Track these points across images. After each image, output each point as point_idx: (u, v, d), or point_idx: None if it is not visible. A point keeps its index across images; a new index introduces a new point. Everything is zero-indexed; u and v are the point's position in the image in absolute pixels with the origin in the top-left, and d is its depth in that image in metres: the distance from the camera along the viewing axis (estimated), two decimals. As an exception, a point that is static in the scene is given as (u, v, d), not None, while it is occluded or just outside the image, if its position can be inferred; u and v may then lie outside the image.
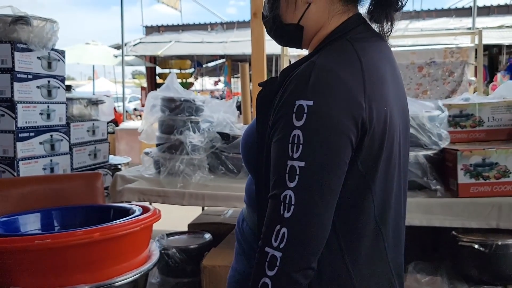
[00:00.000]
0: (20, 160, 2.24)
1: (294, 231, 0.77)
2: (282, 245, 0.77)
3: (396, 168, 0.90)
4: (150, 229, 1.55)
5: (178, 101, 2.47)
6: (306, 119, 0.77)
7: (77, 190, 1.91)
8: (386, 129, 0.84)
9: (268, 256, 0.78)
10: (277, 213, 0.78)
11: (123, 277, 1.42)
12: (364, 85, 0.81)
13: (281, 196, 0.78)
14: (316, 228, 0.78)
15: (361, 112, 0.79)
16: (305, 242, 0.77)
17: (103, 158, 2.90)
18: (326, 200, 0.78)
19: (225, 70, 12.91)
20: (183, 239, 2.58)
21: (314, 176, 0.77)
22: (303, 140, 0.77)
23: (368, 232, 0.87)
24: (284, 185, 0.78)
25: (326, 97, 0.78)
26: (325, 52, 0.86)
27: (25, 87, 2.27)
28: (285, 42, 1.02)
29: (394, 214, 0.92)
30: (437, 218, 1.87)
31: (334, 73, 0.80)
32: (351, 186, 0.83)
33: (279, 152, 0.80)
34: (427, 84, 3.66)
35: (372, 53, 0.88)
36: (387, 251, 0.90)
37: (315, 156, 0.77)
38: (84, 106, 2.82)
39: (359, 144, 0.81)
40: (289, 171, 0.78)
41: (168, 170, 2.37)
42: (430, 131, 1.97)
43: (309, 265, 0.78)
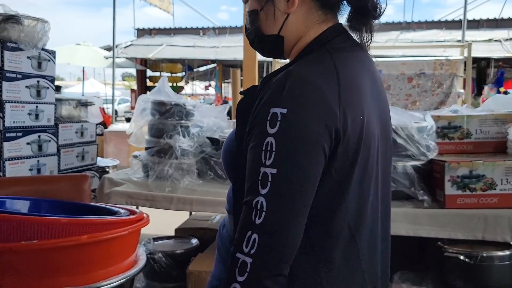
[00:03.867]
0: (7, 160, 2.21)
1: (265, 237, 0.77)
2: (253, 251, 0.77)
3: (373, 178, 0.91)
4: (138, 234, 1.53)
5: (168, 105, 2.46)
6: (279, 126, 0.78)
7: (64, 191, 1.89)
8: (361, 138, 0.85)
9: (239, 262, 0.78)
10: (249, 219, 0.79)
11: (109, 281, 1.40)
12: (339, 95, 0.82)
13: (253, 202, 0.79)
14: (287, 235, 0.78)
15: (335, 121, 0.80)
16: (275, 249, 0.78)
17: (91, 160, 2.88)
18: (298, 208, 0.79)
19: (216, 75, 12.92)
20: (170, 243, 2.57)
21: (286, 183, 0.78)
22: (276, 148, 0.78)
23: (342, 240, 0.86)
24: (257, 192, 0.79)
25: (300, 106, 0.79)
26: (302, 61, 0.87)
27: (14, 86, 2.25)
28: (268, 53, 1.03)
29: (370, 223, 0.91)
30: (424, 229, 1.88)
31: (309, 82, 0.81)
32: (325, 194, 0.83)
33: (253, 159, 0.81)
34: (416, 95, 3.70)
35: (351, 63, 0.89)
36: (361, 261, 0.89)
37: (287, 164, 0.78)
38: (73, 107, 2.80)
39: (333, 152, 0.82)
40: (262, 178, 0.78)
41: (156, 174, 2.36)
42: (419, 142, 1.99)
43: (280, 272, 0.79)
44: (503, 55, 9.27)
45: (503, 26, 11.28)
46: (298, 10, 0.93)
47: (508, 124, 2.17)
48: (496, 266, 1.81)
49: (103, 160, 3.32)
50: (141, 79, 13.42)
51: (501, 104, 2.37)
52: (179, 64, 12.38)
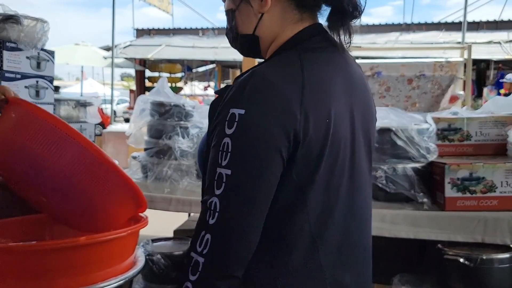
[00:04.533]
0: (5, 160, 2.20)
1: (217, 238, 0.77)
2: (205, 251, 0.77)
3: (343, 184, 0.88)
4: (136, 235, 1.53)
5: (168, 105, 2.45)
6: (236, 127, 0.78)
7: (63, 192, 1.88)
8: (327, 142, 0.83)
9: (192, 261, 0.78)
10: (204, 219, 0.79)
11: (107, 282, 1.39)
12: (302, 96, 0.80)
13: (208, 202, 0.78)
14: (239, 236, 0.78)
15: (294, 123, 0.79)
16: (227, 250, 0.77)
17: (90, 160, 2.87)
18: (251, 210, 0.78)
19: (215, 76, 12.92)
20: (168, 245, 2.56)
21: (240, 185, 0.77)
22: (232, 149, 0.78)
23: (301, 245, 0.84)
24: (212, 192, 0.78)
25: (258, 107, 0.78)
26: (269, 61, 0.87)
27: (13, 86, 2.24)
28: (246, 53, 1.02)
29: (341, 229, 0.89)
30: (424, 231, 1.87)
31: (270, 83, 0.80)
32: (285, 197, 0.82)
33: (212, 159, 0.81)
34: (416, 97, 3.70)
35: (321, 64, 0.87)
36: (323, 268, 0.86)
37: (242, 165, 0.77)
38: (72, 108, 2.80)
39: (292, 155, 0.80)
40: (217, 178, 0.78)
41: (155, 175, 2.35)
42: (419, 144, 1.98)
43: (232, 273, 0.78)
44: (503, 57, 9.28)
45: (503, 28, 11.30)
46: (272, 9, 0.91)
47: (508, 126, 2.17)
48: (496, 268, 1.80)
49: (102, 161, 3.31)
50: (140, 80, 13.41)
51: (501, 106, 2.37)
52: (178, 65, 12.38)
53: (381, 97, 3.69)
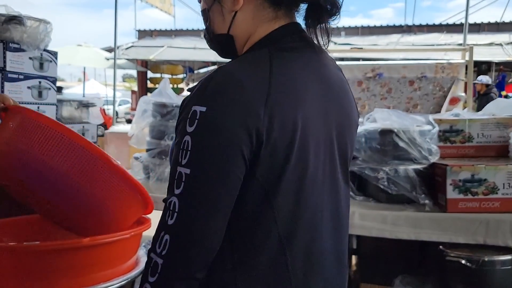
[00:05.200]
0: (8, 161, 2.21)
1: (175, 239, 0.75)
2: (164, 252, 0.75)
3: (318, 184, 0.85)
4: (139, 237, 1.53)
5: (170, 106, 2.46)
6: (197, 125, 0.76)
7: (65, 193, 1.89)
8: (294, 143, 0.80)
9: (152, 262, 0.77)
10: (163, 219, 0.77)
11: (109, 283, 1.40)
12: (268, 96, 0.77)
13: (168, 202, 0.77)
14: (198, 238, 0.75)
15: (256, 122, 0.76)
16: (185, 252, 0.75)
17: (92, 161, 2.88)
18: (211, 210, 0.76)
19: (217, 77, 12.90)
20: (170, 245, 2.56)
21: (198, 184, 0.75)
22: (191, 147, 0.75)
23: (268, 249, 0.82)
24: (172, 191, 0.77)
25: (219, 105, 0.76)
26: (237, 59, 0.84)
27: (15, 87, 2.25)
28: (222, 53, 1.00)
29: (311, 235, 0.85)
30: (425, 233, 1.87)
31: (234, 80, 0.77)
32: (250, 199, 0.80)
33: (174, 157, 0.79)
34: (417, 98, 3.69)
35: (293, 64, 0.84)
36: (290, 273, 0.83)
37: (201, 164, 0.75)
38: (74, 108, 2.80)
39: (255, 155, 0.78)
40: (177, 178, 0.76)
41: (157, 176, 2.35)
42: (421, 145, 1.98)
43: (192, 275, 0.76)
44: (504, 59, 9.26)
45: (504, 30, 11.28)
46: (245, 7, 0.88)
47: (510, 128, 2.17)
48: (497, 270, 1.81)
49: (103, 162, 3.31)
50: (142, 81, 13.43)
51: (502, 108, 2.37)
52: (180, 66, 12.39)
53: (382, 98, 3.70)
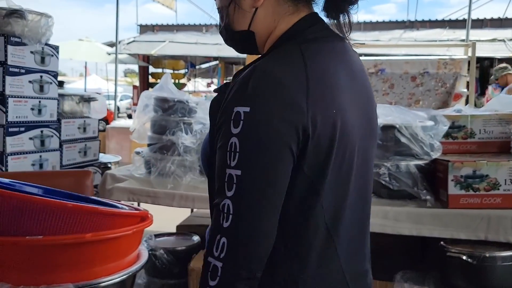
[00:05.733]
0: (9, 155, 2.21)
1: (233, 240, 0.76)
2: (223, 255, 0.76)
3: (353, 174, 0.87)
4: (141, 233, 1.53)
5: (171, 101, 2.45)
6: (243, 126, 0.75)
7: (67, 187, 1.89)
8: (335, 134, 0.81)
9: (210, 266, 0.77)
10: (218, 223, 0.77)
11: (111, 277, 1.40)
12: (308, 89, 0.78)
13: (220, 205, 0.77)
14: (255, 237, 0.76)
15: (301, 117, 0.77)
16: (244, 252, 0.76)
17: (93, 156, 2.88)
18: (265, 209, 0.77)
19: (219, 72, 12.91)
20: (171, 240, 2.57)
21: (251, 184, 0.76)
22: (240, 148, 0.75)
23: (318, 240, 0.84)
24: (223, 194, 0.77)
25: (263, 104, 0.76)
26: (269, 56, 0.84)
27: (17, 81, 2.25)
28: (241, 50, 1.00)
29: (351, 221, 0.89)
30: (427, 228, 1.87)
31: (273, 78, 0.78)
32: (299, 193, 0.81)
33: (220, 160, 0.79)
34: (419, 94, 3.69)
35: (324, 55, 0.85)
36: (340, 259, 0.87)
37: (251, 164, 0.76)
38: (76, 103, 2.80)
39: (302, 151, 0.79)
40: (228, 180, 0.76)
41: (159, 171, 2.35)
42: (423, 141, 1.98)
43: (252, 274, 0.77)
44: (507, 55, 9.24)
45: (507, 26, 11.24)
46: (266, 3, 0.89)
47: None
48: (498, 266, 1.80)
49: (105, 156, 3.32)
50: (144, 76, 13.41)
51: (505, 104, 2.36)
52: (182, 61, 12.37)
53: (384, 94, 3.69)
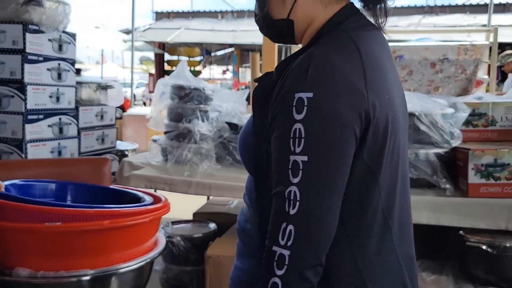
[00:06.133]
0: (29, 142, 2.24)
1: (301, 227, 0.75)
2: (290, 243, 0.75)
3: (400, 159, 0.89)
4: (159, 220, 1.54)
5: (187, 89, 2.45)
6: (307, 112, 0.75)
7: (85, 174, 1.91)
8: (388, 119, 0.82)
9: (276, 255, 0.76)
10: (283, 211, 0.76)
11: (129, 263, 1.41)
12: (365, 74, 0.79)
13: (285, 192, 0.76)
14: (322, 223, 0.76)
15: (363, 102, 0.78)
16: (312, 239, 0.76)
17: (111, 143, 2.90)
18: (331, 194, 0.77)
19: (234, 59, 12.87)
20: (188, 227, 2.58)
21: (318, 170, 0.76)
22: (305, 134, 0.75)
23: (376, 225, 0.85)
24: (288, 181, 0.76)
25: (326, 88, 0.76)
26: (321, 43, 0.84)
27: (35, 69, 2.26)
28: (278, 39, 1.00)
29: (400, 206, 0.90)
30: (446, 217, 1.85)
31: (333, 63, 0.78)
32: (358, 179, 0.81)
33: (280, 148, 0.78)
34: (439, 81, 3.62)
35: (369, 42, 0.86)
36: (394, 244, 0.88)
37: (318, 150, 0.75)
38: (93, 91, 2.82)
39: (363, 135, 0.79)
40: (292, 167, 0.76)
41: (175, 158, 2.36)
42: (443, 129, 1.94)
43: (318, 261, 0.77)
44: (529, 41, 9.00)
45: (530, 11, 10.96)
46: None
47: (535, 112, 2.11)
48: (519, 256, 1.78)
49: (122, 144, 3.35)
50: (159, 63, 13.45)
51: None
52: (197, 48, 12.36)
53: (403, 81, 3.63)
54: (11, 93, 2.21)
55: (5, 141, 2.24)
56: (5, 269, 1.33)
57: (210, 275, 2.11)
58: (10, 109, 2.23)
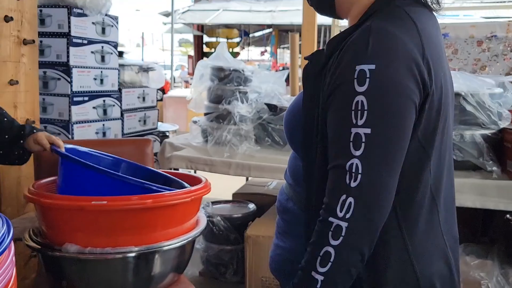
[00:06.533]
0: (75, 123, 2.31)
1: (361, 200, 0.74)
2: (348, 215, 0.74)
3: (448, 138, 0.88)
4: (200, 200, 1.57)
5: (227, 70, 2.46)
6: (369, 84, 0.75)
7: (128, 155, 1.96)
8: (442, 94, 0.81)
9: (332, 226, 0.76)
10: (343, 183, 0.75)
11: (171, 241, 1.45)
12: (423, 49, 0.78)
13: (347, 165, 0.75)
14: (383, 197, 0.76)
15: (422, 74, 0.77)
16: (371, 212, 0.75)
17: (152, 124, 2.96)
18: (393, 168, 0.76)
19: (272, 40, 12.77)
20: (228, 208, 2.62)
21: (381, 142, 0.75)
22: (368, 106, 0.74)
23: (426, 204, 0.84)
24: (349, 154, 0.75)
25: (388, 60, 0.76)
26: (378, 17, 0.83)
27: (80, 52, 2.33)
28: (318, 10, 1.00)
29: (446, 185, 0.89)
30: (492, 201, 1.79)
31: (393, 36, 0.77)
32: (411, 155, 0.80)
33: (340, 121, 0.78)
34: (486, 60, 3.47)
35: (424, 18, 0.85)
36: (441, 224, 0.87)
37: (382, 122, 0.75)
38: (135, 73, 2.87)
39: (420, 109, 0.79)
40: (354, 139, 0.75)
41: (215, 140, 2.39)
42: (490, 109, 1.87)
43: (374, 236, 0.76)
44: None
45: None
46: None
47: None
48: None
49: (163, 125, 3.41)
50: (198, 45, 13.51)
51: None
52: (235, 29, 12.33)
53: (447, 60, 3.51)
54: (57, 76, 2.28)
55: (53, 122, 2.33)
56: (55, 245, 1.39)
57: (250, 254, 2.14)
58: (56, 91, 2.31)
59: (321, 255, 0.77)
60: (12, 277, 0.86)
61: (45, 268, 1.48)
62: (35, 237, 1.47)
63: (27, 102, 2.04)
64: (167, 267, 1.51)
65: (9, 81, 1.95)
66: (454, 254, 0.91)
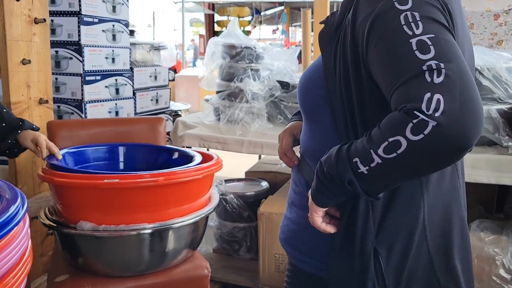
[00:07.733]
0: (87, 102, 2.32)
1: (452, 95, 0.66)
2: (439, 112, 0.65)
3: None
4: (211, 177, 1.57)
5: (239, 48, 2.43)
6: (413, 1, 0.74)
7: (141, 133, 1.97)
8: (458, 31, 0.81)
9: (416, 119, 0.66)
10: (424, 83, 0.67)
11: (184, 218, 1.47)
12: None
13: (426, 65, 0.68)
14: (472, 89, 0.68)
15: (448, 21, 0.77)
16: (464, 110, 0.66)
17: (165, 103, 2.96)
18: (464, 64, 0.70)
19: (284, 18, 12.61)
20: (241, 185, 2.63)
21: (448, 42, 0.72)
22: (420, 16, 0.73)
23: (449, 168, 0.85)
24: (418, 61, 0.69)
25: None
26: None
27: (91, 30, 2.32)
28: None
29: None
30: (507, 177, 1.76)
31: None
32: None
33: (392, 41, 0.74)
34: (503, 34, 3.39)
35: None
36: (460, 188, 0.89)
37: (438, 29, 0.73)
38: (146, 52, 2.86)
39: None
40: (418, 47, 0.70)
41: (227, 118, 2.38)
42: (507, 83, 1.83)
43: (468, 144, 0.66)
44: None
45: None
46: None
47: None
48: None
49: (175, 104, 3.41)
50: (209, 24, 13.41)
51: None
52: (247, 8, 12.20)
53: (467, 32, 3.43)
54: (69, 55, 2.28)
55: (66, 102, 2.34)
56: (70, 223, 1.41)
57: (263, 232, 2.15)
58: (69, 71, 2.31)
59: (390, 142, 0.69)
60: (28, 248, 0.88)
61: (61, 245, 1.51)
62: (50, 215, 1.49)
63: (40, 81, 2.04)
64: (181, 244, 1.52)
65: (22, 61, 1.95)
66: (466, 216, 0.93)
